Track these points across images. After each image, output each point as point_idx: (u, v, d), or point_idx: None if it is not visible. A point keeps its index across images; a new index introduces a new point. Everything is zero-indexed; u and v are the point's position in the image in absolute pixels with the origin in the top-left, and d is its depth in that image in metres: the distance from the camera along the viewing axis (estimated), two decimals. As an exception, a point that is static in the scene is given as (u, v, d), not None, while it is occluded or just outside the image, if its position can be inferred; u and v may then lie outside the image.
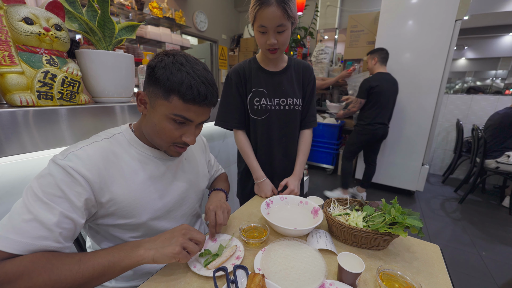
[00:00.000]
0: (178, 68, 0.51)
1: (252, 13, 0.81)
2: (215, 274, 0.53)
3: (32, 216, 0.43)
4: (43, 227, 0.43)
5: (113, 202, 0.54)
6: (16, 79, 0.60)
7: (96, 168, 0.51)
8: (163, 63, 0.52)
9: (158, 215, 0.63)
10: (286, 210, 0.83)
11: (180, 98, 0.52)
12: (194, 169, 0.75)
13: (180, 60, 0.52)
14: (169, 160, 0.66)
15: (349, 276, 0.51)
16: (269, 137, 1.00)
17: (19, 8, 0.60)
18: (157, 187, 0.62)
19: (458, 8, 2.14)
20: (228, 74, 0.98)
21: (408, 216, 0.62)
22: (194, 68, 0.53)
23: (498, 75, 4.85)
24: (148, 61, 0.56)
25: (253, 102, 0.96)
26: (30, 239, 0.42)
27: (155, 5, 2.97)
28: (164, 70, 0.51)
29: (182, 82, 0.51)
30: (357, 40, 3.19)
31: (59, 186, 0.46)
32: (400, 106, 2.52)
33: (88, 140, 0.55)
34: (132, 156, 0.59)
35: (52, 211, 0.45)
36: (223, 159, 1.62)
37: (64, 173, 0.47)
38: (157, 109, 0.54)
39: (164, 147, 0.60)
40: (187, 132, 0.58)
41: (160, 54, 0.54)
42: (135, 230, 0.61)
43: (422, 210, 2.41)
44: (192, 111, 0.54)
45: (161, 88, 0.52)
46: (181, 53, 0.55)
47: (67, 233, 0.47)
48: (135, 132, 0.63)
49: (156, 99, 0.53)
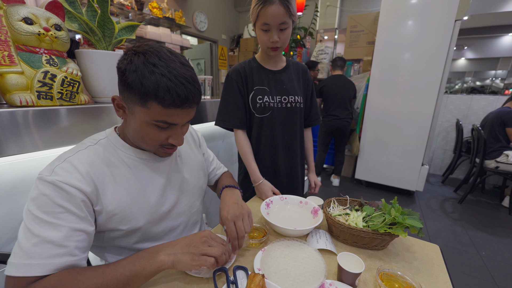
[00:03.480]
0: (151, 70, 0.45)
1: (254, 12, 0.83)
2: (215, 274, 0.53)
3: (40, 239, 0.42)
4: (54, 246, 0.43)
5: (109, 210, 0.52)
6: (15, 79, 0.60)
7: (85, 178, 0.48)
8: (133, 65, 0.45)
9: (155, 218, 0.61)
10: (286, 210, 0.83)
11: (159, 103, 0.46)
12: (189, 165, 0.72)
13: (152, 61, 0.46)
14: (160, 161, 0.63)
15: (349, 276, 0.51)
16: (272, 134, 1.00)
17: (19, 8, 0.60)
18: (150, 190, 0.59)
19: (458, 8, 2.14)
20: (229, 74, 0.98)
21: (408, 216, 0.62)
22: (170, 66, 0.46)
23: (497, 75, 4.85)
24: (118, 62, 0.49)
25: (256, 100, 0.96)
26: (46, 259, 0.42)
27: (155, 5, 2.97)
28: (135, 74, 0.45)
29: (158, 86, 0.45)
30: (357, 40, 3.19)
31: (57, 202, 0.44)
32: (399, 106, 2.53)
33: (72, 150, 0.52)
34: (120, 160, 0.56)
35: (58, 228, 0.44)
36: (224, 159, 1.62)
37: (56, 189, 0.45)
38: (136, 116, 0.50)
39: (152, 150, 0.58)
40: (173, 134, 0.54)
41: (129, 53, 0.47)
42: (134, 234, 0.59)
43: (422, 210, 2.41)
44: (174, 115, 0.50)
45: (136, 95, 0.46)
46: (152, 49, 0.48)
47: (82, 244, 0.47)
48: (120, 135, 0.59)
49: (133, 105, 0.48)
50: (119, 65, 0.48)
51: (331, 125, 2.69)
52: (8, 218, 0.66)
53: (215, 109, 1.32)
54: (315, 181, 1.14)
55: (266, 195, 0.95)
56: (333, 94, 2.64)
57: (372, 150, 2.77)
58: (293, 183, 1.09)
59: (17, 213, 0.67)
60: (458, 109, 3.31)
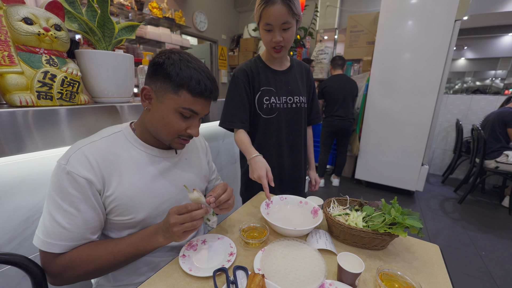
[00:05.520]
0: (186, 65, 0.55)
1: (257, 12, 0.84)
2: (215, 274, 0.53)
3: (56, 224, 0.51)
4: (68, 232, 0.51)
5: (112, 200, 0.56)
6: (15, 79, 0.60)
7: (94, 168, 0.53)
8: (171, 60, 0.55)
9: (156, 213, 0.63)
10: (285, 210, 0.83)
11: (189, 92, 0.55)
12: (194, 168, 0.75)
13: (186, 58, 0.56)
14: (168, 159, 0.67)
15: (349, 276, 0.51)
16: (278, 135, 1.00)
17: (19, 8, 0.60)
18: (155, 186, 0.63)
19: (458, 8, 2.14)
20: (235, 74, 0.97)
21: (408, 216, 0.62)
22: (199, 65, 0.57)
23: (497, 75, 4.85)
24: (152, 59, 0.58)
25: (263, 101, 0.96)
26: (62, 241, 0.51)
27: (155, 5, 2.97)
28: (173, 66, 0.54)
29: (191, 77, 0.55)
30: (356, 40, 3.19)
31: (71, 192, 0.51)
32: (399, 106, 2.53)
33: (86, 139, 0.58)
34: (131, 155, 0.61)
35: (72, 217, 0.52)
36: (224, 159, 1.62)
37: (69, 178, 0.51)
38: (166, 102, 0.57)
39: (169, 140, 0.62)
40: (192, 124, 0.61)
41: (165, 52, 0.57)
42: (132, 227, 0.61)
43: (421, 210, 2.41)
44: (199, 104, 0.58)
45: (171, 83, 0.55)
46: (183, 51, 0.59)
47: (93, 229, 0.55)
48: (135, 131, 0.64)
49: (164, 93, 0.56)
50: (155, 60, 0.57)
51: (334, 125, 2.66)
52: (8, 218, 0.65)
53: (215, 109, 1.32)
54: (316, 178, 1.15)
55: (259, 173, 0.79)
56: (336, 95, 2.60)
57: (372, 150, 2.77)
58: (297, 182, 1.10)
59: (17, 213, 0.67)
60: (458, 109, 3.31)
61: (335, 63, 2.69)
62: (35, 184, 0.69)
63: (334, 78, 2.66)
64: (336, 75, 2.66)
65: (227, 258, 0.59)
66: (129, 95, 0.92)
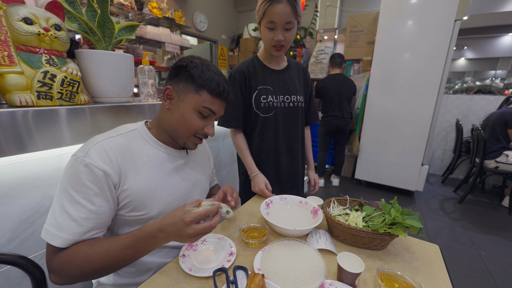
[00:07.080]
0: (207, 68, 0.61)
1: (261, 9, 0.83)
2: (215, 274, 0.53)
3: (68, 216, 0.51)
4: (78, 225, 0.51)
5: (127, 194, 0.57)
6: (15, 79, 0.60)
7: (112, 162, 0.55)
8: (193, 63, 0.61)
9: (168, 210, 0.63)
10: (285, 210, 0.83)
11: (209, 92, 0.60)
12: (201, 170, 0.79)
13: (206, 63, 0.63)
14: (180, 159, 0.71)
15: (349, 276, 0.51)
16: (275, 134, 1.01)
17: (19, 8, 0.60)
18: (169, 183, 0.66)
19: (458, 8, 2.14)
20: (231, 74, 0.99)
21: (408, 216, 0.62)
22: (217, 69, 0.64)
23: (497, 75, 4.85)
24: (175, 63, 0.64)
25: (260, 100, 0.96)
26: (70, 235, 0.51)
27: (155, 5, 2.96)
28: (196, 69, 0.60)
29: (212, 80, 0.60)
30: (356, 40, 3.19)
31: (87, 184, 0.52)
32: (399, 106, 2.53)
33: (104, 134, 0.59)
34: (147, 152, 0.63)
35: (84, 210, 0.52)
36: (224, 159, 1.62)
37: (87, 171, 0.52)
38: (187, 101, 0.61)
39: (185, 138, 0.65)
40: (208, 124, 0.65)
41: (187, 57, 0.63)
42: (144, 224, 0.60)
43: (421, 210, 2.41)
44: (216, 105, 0.63)
45: (193, 84, 0.60)
46: (201, 57, 0.65)
47: (102, 224, 0.55)
48: (151, 130, 0.67)
49: (187, 93, 0.61)
50: (178, 64, 0.62)
51: (331, 124, 2.68)
52: (8, 218, 0.65)
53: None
54: (315, 179, 1.16)
55: (259, 186, 0.96)
56: (331, 94, 2.61)
57: (372, 150, 2.77)
58: (295, 182, 1.10)
59: (17, 213, 0.67)
60: (458, 109, 3.31)
61: (333, 61, 2.69)
62: (35, 184, 0.69)
63: (330, 77, 2.66)
64: (333, 75, 2.67)
65: (227, 258, 0.59)
66: (129, 95, 0.92)
